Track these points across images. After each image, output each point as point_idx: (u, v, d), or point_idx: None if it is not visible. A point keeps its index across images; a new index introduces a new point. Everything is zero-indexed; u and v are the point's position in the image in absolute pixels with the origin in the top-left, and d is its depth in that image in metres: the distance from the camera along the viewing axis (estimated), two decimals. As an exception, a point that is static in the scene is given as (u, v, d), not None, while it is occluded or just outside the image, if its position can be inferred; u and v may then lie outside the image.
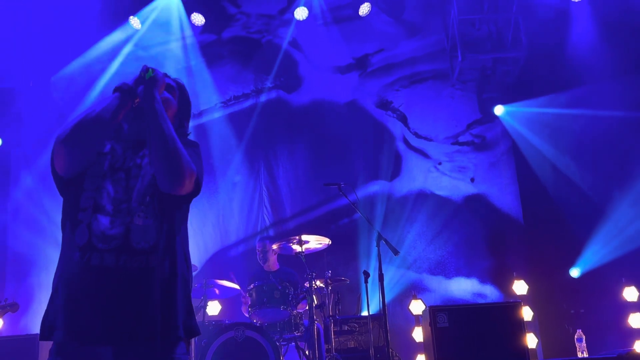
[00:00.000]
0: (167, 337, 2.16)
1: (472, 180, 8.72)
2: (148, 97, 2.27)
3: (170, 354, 2.17)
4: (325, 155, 8.70)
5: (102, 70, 8.35)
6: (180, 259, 2.28)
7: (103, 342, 2.11)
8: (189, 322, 2.27)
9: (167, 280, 2.21)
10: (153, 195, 2.26)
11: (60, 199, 2.32)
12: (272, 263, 6.95)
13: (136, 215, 2.20)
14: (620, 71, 8.13)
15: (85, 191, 2.25)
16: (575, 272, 8.22)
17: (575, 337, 6.39)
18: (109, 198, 2.23)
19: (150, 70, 2.32)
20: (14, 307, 5.77)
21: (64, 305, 2.14)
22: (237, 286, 6.36)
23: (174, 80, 2.57)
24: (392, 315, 7.68)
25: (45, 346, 5.28)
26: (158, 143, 2.21)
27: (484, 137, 8.87)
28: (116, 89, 2.32)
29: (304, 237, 5.91)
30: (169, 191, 2.24)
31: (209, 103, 8.85)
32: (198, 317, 5.83)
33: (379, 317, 6.29)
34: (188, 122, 2.58)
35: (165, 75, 2.48)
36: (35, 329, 7.15)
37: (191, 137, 2.61)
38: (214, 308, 7.49)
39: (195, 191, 2.34)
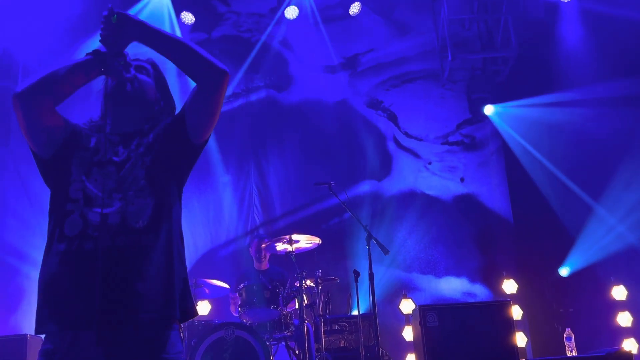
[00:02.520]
0: (164, 315, 2.09)
1: (462, 180, 8.74)
2: (131, 25, 2.21)
3: (163, 336, 2.08)
4: (315, 154, 8.70)
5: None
6: (176, 238, 2.21)
7: (100, 325, 1.99)
8: (184, 304, 2.19)
9: (163, 258, 2.13)
10: (148, 176, 2.19)
11: (47, 195, 2.26)
12: (265, 262, 6.94)
13: (130, 204, 2.12)
14: (609, 70, 8.16)
15: (73, 182, 2.17)
16: (564, 271, 8.25)
17: (565, 335, 6.40)
18: (102, 188, 2.14)
19: (113, 12, 2.18)
20: None
21: (52, 295, 2.06)
22: (226, 285, 6.34)
23: (144, 60, 2.48)
24: (382, 314, 7.67)
25: (34, 346, 5.23)
26: (172, 45, 2.25)
27: (473, 137, 8.90)
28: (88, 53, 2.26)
29: (294, 237, 5.91)
30: (214, 82, 2.30)
31: (199, 102, 8.79)
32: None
33: (369, 316, 6.29)
34: (170, 96, 2.51)
35: (136, 59, 2.43)
36: (25, 328, 7.10)
37: None
38: (203, 308, 7.46)
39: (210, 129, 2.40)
